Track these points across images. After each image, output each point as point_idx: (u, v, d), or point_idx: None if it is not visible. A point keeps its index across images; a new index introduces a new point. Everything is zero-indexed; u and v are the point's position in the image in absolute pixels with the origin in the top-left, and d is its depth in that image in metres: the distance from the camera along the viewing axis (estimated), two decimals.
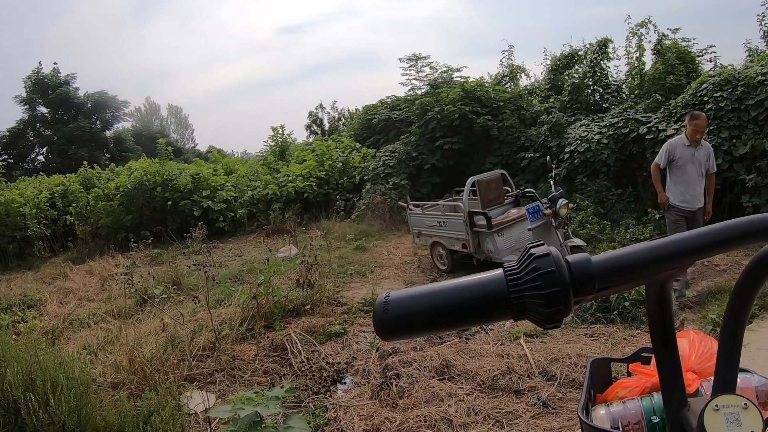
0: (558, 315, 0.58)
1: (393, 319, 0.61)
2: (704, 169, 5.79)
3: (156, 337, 5.33)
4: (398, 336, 0.63)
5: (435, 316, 0.61)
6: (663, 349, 0.74)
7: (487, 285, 0.61)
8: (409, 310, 0.61)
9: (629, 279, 0.65)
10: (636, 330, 4.78)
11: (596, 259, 0.63)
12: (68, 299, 8.32)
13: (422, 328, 0.63)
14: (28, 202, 13.65)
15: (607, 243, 7.64)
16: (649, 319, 0.74)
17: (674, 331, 0.74)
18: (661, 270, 0.66)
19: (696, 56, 11.27)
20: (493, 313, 0.61)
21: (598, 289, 0.62)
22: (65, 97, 29.08)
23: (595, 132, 9.77)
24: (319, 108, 32.41)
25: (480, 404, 3.74)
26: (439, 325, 0.63)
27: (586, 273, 0.61)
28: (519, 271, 0.60)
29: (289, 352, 5.03)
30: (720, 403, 0.71)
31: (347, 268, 8.30)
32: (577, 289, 0.60)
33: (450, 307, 0.61)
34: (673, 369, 0.75)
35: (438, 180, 12.72)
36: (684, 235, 0.65)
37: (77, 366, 3.52)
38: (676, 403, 0.76)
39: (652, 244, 0.65)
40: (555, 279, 0.58)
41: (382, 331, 0.62)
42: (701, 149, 5.75)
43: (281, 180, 14.23)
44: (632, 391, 1.42)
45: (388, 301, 0.62)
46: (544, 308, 0.58)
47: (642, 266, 0.64)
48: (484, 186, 7.25)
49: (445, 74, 15.52)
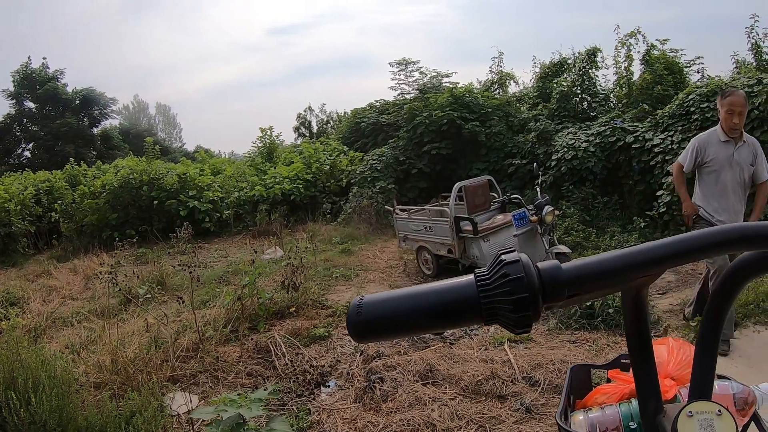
0: (527, 320, 0.59)
1: (366, 322, 0.62)
2: (748, 176, 4.27)
3: (139, 338, 5.29)
4: (371, 338, 0.64)
5: (407, 319, 0.62)
6: (639, 355, 0.75)
7: (458, 290, 0.62)
8: (381, 313, 0.62)
9: (600, 286, 0.66)
10: (620, 336, 4.81)
11: (566, 266, 0.64)
12: (52, 297, 8.26)
13: (394, 330, 0.64)
14: (12, 198, 13.52)
15: (593, 250, 7.70)
16: (626, 325, 0.75)
17: (650, 338, 0.75)
18: (632, 277, 0.67)
19: (684, 67, 11.43)
20: (464, 317, 0.62)
21: (567, 295, 0.63)
22: (53, 92, 28.90)
23: (583, 140, 9.84)
24: (307, 110, 32.31)
25: (463, 409, 3.75)
26: (411, 328, 0.64)
27: (556, 280, 0.62)
28: (489, 276, 0.61)
29: (273, 354, 5.02)
30: (694, 410, 0.72)
31: (333, 271, 8.30)
32: (547, 295, 0.61)
33: (422, 310, 0.62)
34: (649, 375, 0.76)
35: (425, 185, 12.73)
36: (656, 242, 0.66)
37: (59, 365, 3.50)
38: (652, 408, 0.77)
39: (622, 252, 0.65)
40: (524, 285, 0.59)
41: (355, 333, 0.63)
42: (743, 147, 4.23)
43: (268, 182, 14.18)
44: (611, 397, 1.43)
45: (362, 304, 0.63)
46: (513, 313, 0.59)
47: (612, 274, 0.64)
48: (470, 191, 7.27)
49: (435, 79, 15.53)
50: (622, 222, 8.91)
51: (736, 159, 4.19)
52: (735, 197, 4.29)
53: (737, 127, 4.09)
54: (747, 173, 4.25)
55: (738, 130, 4.13)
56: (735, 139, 4.19)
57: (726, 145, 4.21)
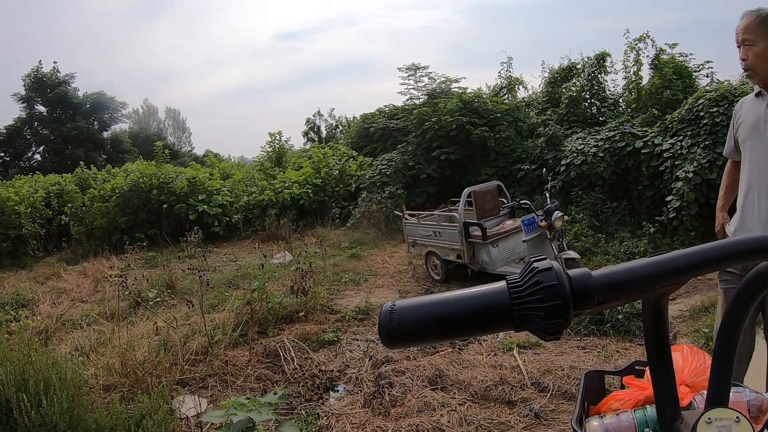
0: (558, 327, 0.60)
1: (398, 328, 0.62)
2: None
3: (149, 341, 5.32)
4: (403, 344, 0.65)
5: (439, 325, 0.62)
6: (658, 362, 0.76)
7: (490, 296, 0.62)
8: (413, 319, 0.62)
9: (627, 294, 0.67)
10: (629, 343, 4.79)
11: (596, 274, 0.64)
12: (61, 299, 8.28)
13: (426, 336, 0.64)
14: (23, 201, 13.59)
15: (602, 256, 7.67)
16: (645, 333, 0.76)
17: (669, 346, 0.75)
18: (659, 285, 0.67)
19: (693, 71, 11.36)
20: (495, 324, 0.62)
21: (597, 303, 0.63)
22: (64, 96, 29.14)
23: (592, 145, 9.82)
24: (316, 115, 32.50)
25: (472, 414, 3.73)
26: (443, 334, 0.65)
27: (586, 287, 0.62)
28: (522, 283, 0.61)
29: (282, 358, 5.03)
30: (713, 416, 0.72)
31: (341, 276, 8.30)
32: (577, 302, 0.61)
33: (454, 316, 0.62)
34: (667, 382, 0.76)
35: (434, 190, 12.73)
36: (684, 251, 0.67)
37: (70, 367, 3.51)
38: (670, 415, 0.77)
39: (650, 260, 0.66)
40: (557, 292, 0.59)
41: (387, 339, 0.63)
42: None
43: (277, 186, 14.21)
44: (625, 404, 1.43)
45: (394, 309, 0.63)
46: (545, 320, 0.59)
47: (639, 282, 0.65)
48: (480, 197, 7.26)
49: (443, 84, 15.58)
50: (631, 227, 8.87)
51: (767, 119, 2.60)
52: (764, 193, 2.62)
53: (747, 67, 2.61)
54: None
55: (753, 73, 2.63)
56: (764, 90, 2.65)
57: (756, 100, 2.70)
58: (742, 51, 2.59)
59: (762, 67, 2.56)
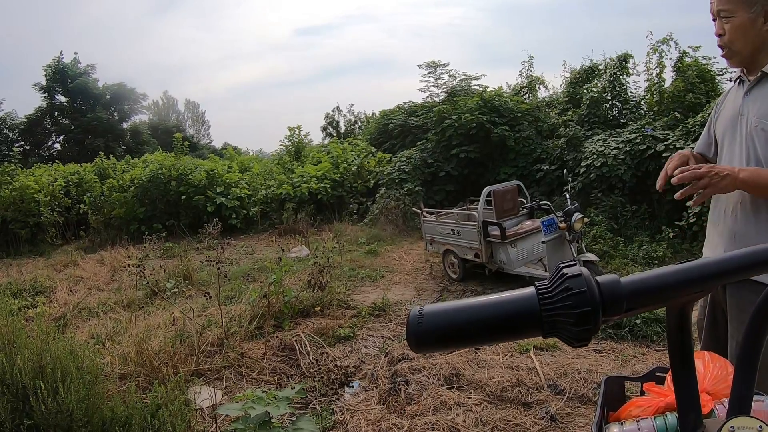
0: (587, 334, 0.60)
1: (426, 332, 0.62)
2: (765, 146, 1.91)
3: (165, 331, 5.35)
4: (431, 349, 0.65)
5: (467, 330, 0.62)
6: (681, 370, 0.75)
7: (518, 302, 0.62)
8: (442, 324, 0.63)
9: (655, 301, 0.67)
10: (646, 348, 4.76)
11: (625, 280, 0.64)
12: (78, 287, 8.38)
13: (454, 341, 0.64)
14: (42, 189, 13.79)
15: (620, 259, 7.62)
16: (669, 340, 0.75)
17: (693, 353, 0.75)
18: (686, 293, 0.67)
19: (716, 75, 11.23)
20: (523, 330, 0.62)
21: (625, 310, 0.63)
22: (84, 87, 29.31)
23: (612, 147, 9.74)
24: (335, 110, 32.56)
25: (488, 415, 3.73)
26: (471, 339, 0.64)
27: (615, 294, 0.62)
28: (551, 289, 0.61)
29: (298, 352, 5.05)
30: (736, 425, 0.72)
31: (358, 272, 8.32)
32: (607, 309, 0.61)
33: (481, 321, 0.62)
34: (690, 390, 0.76)
35: (452, 188, 12.72)
36: (709, 259, 0.66)
37: (87, 355, 3.54)
38: (692, 423, 0.76)
39: (679, 267, 0.66)
40: (586, 299, 0.59)
41: (415, 343, 0.63)
42: (761, 90, 1.97)
43: (295, 180, 14.26)
44: (646, 410, 1.42)
45: (422, 314, 0.63)
46: (575, 327, 0.59)
47: (668, 289, 0.65)
48: (499, 196, 7.23)
49: (464, 82, 15.54)
50: (650, 231, 8.79)
51: (743, 112, 2.03)
52: (733, 206, 2.05)
53: (723, 44, 2.01)
54: (761, 139, 1.93)
55: (730, 52, 2.02)
56: (743, 75, 2.09)
57: (736, 89, 2.16)
58: (718, 25, 2.02)
59: (741, 45, 1.98)
